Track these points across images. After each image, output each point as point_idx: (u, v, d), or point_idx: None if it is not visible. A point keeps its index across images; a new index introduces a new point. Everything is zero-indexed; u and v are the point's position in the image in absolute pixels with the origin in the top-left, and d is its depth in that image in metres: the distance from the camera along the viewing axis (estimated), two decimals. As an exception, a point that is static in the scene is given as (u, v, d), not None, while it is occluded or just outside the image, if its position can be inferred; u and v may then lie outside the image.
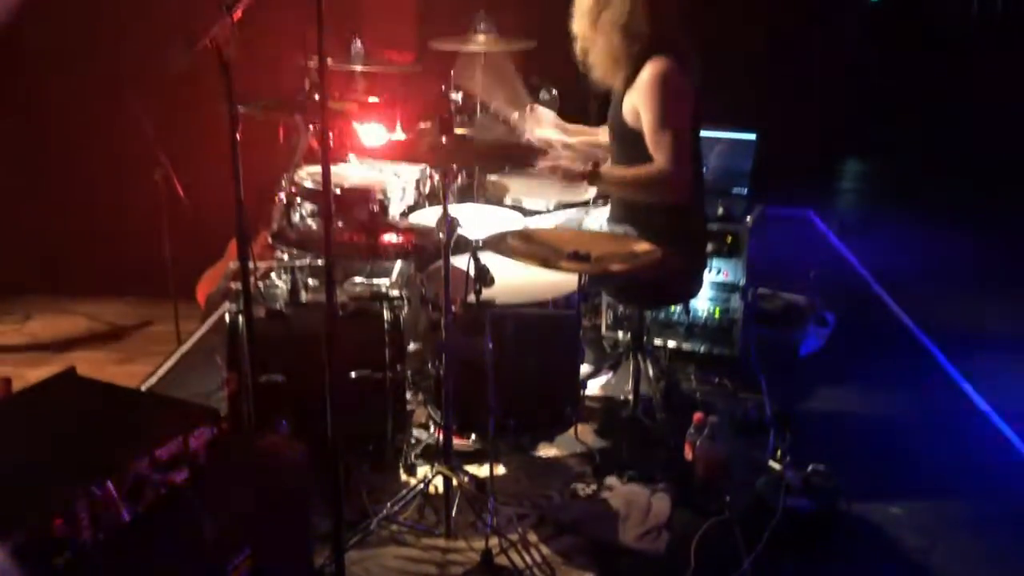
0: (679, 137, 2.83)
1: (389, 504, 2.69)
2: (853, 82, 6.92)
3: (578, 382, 3.01)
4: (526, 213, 3.49)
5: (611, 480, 2.92)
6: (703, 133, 3.12)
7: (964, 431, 3.35)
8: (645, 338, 3.29)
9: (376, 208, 3.20)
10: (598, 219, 3.29)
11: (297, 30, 3.05)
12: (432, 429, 3.04)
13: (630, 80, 2.91)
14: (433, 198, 3.61)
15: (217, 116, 2.21)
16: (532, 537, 2.63)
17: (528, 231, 2.91)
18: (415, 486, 2.77)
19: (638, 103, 2.89)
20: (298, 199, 3.21)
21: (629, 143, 2.95)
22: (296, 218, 3.23)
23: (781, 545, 2.59)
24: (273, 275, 3.01)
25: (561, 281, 2.89)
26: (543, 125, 3.31)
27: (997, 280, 4.78)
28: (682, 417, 3.07)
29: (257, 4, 2.17)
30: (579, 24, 2.98)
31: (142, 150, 3.79)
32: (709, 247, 3.40)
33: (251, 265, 2.36)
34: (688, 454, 2.91)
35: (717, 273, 3.67)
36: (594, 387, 3.49)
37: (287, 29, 3.16)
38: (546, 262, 2.53)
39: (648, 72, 2.86)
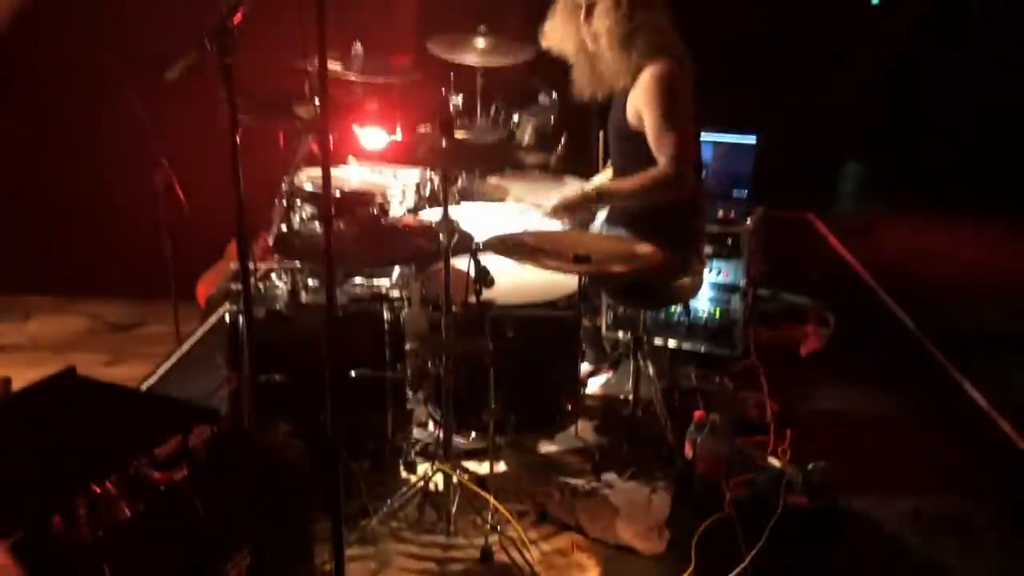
0: (682, 137, 2.84)
1: (389, 502, 2.70)
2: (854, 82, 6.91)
3: (578, 381, 3.01)
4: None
5: (611, 478, 2.92)
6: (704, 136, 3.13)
7: (964, 430, 3.35)
8: (645, 338, 3.29)
9: (377, 211, 3.21)
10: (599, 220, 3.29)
11: (298, 33, 3.05)
12: (432, 428, 3.04)
13: (631, 83, 2.93)
14: (433, 200, 3.61)
15: (217, 116, 2.21)
16: (532, 535, 2.64)
17: (528, 232, 2.91)
18: (415, 484, 2.77)
19: (640, 105, 2.90)
20: (298, 202, 3.22)
21: (631, 144, 2.97)
22: (296, 221, 3.23)
23: (781, 543, 2.60)
24: (273, 276, 3.01)
25: (561, 281, 2.89)
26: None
27: (997, 279, 4.78)
28: (682, 416, 3.07)
29: (258, 6, 2.18)
30: (576, 38, 2.99)
31: (142, 150, 3.79)
32: (710, 248, 3.40)
33: (251, 265, 2.36)
34: (688, 452, 2.91)
35: (717, 274, 3.67)
36: (594, 386, 3.49)
37: (287, 32, 3.16)
38: (546, 263, 2.54)
39: (649, 74, 2.88)
